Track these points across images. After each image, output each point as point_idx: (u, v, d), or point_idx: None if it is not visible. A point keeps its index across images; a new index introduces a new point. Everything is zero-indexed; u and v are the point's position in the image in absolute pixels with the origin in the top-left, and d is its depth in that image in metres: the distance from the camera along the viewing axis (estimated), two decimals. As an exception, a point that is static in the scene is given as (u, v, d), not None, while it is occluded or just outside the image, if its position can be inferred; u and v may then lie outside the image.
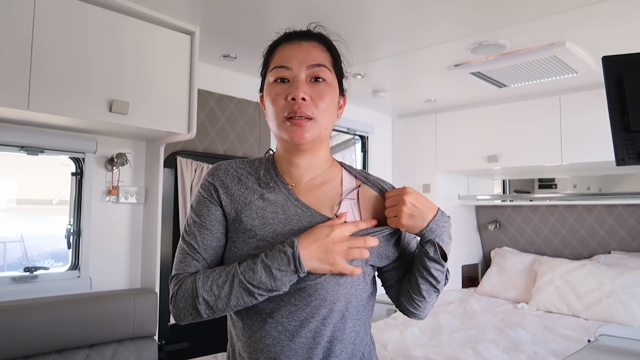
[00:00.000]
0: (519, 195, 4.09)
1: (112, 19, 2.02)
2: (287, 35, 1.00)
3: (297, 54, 0.95)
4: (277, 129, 0.95)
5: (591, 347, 1.69)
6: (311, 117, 0.92)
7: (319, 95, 0.93)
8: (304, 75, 0.94)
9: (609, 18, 2.12)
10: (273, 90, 0.95)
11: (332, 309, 0.91)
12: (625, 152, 1.26)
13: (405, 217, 0.93)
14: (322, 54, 0.97)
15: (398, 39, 2.42)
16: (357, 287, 0.94)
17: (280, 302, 0.91)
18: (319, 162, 1.01)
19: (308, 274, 0.89)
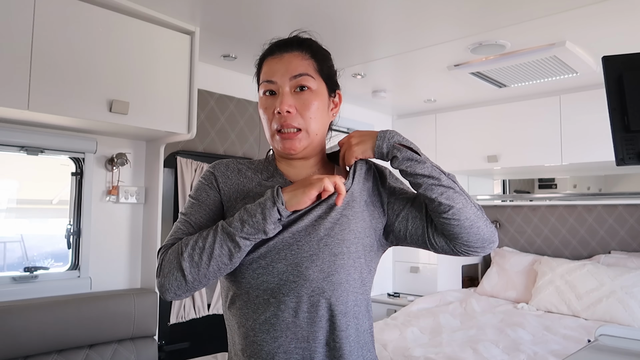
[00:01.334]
0: (519, 195, 4.09)
1: (112, 19, 2.02)
2: (270, 49, 1.03)
3: (279, 67, 0.98)
4: (270, 140, 1.00)
5: (591, 347, 1.69)
6: (300, 128, 0.96)
7: (304, 104, 0.96)
8: (288, 87, 0.96)
9: (609, 18, 2.12)
10: (263, 104, 1.00)
11: (332, 281, 0.92)
12: (625, 152, 1.26)
13: (354, 144, 0.99)
14: (304, 62, 0.99)
15: (398, 39, 2.42)
16: (355, 259, 0.95)
17: (280, 279, 0.92)
18: (316, 161, 1.05)
19: (303, 247, 0.92)
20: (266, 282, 0.92)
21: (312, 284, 0.91)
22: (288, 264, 0.92)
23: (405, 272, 3.92)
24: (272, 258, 0.92)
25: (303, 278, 0.91)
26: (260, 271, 0.92)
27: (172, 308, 2.60)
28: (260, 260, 0.93)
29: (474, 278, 4.09)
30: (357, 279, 0.96)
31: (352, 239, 0.96)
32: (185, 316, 2.64)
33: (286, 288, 0.91)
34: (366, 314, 0.99)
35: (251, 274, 0.93)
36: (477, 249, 0.98)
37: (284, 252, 0.92)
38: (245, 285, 0.94)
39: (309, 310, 0.91)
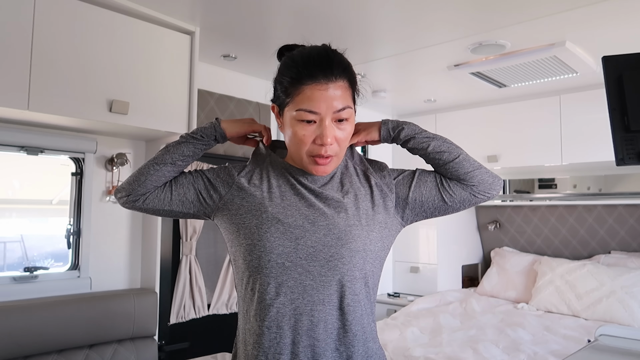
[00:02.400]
0: (519, 195, 4.08)
1: (112, 19, 2.02)
2: (312, 73, 0.98)
3: (324, 100, 0.97)
4: (301, 160, 1.03)
5: (591, 347, 1.69)
6: (334, 156, 1.01)
7: (342, 135, 1.01)
8: (329, 119, 0.99)
9: (609, 18, 2.12)
10: (300, 130, 0.99)
11: (350, 248, 0.98)
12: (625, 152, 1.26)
13: (361, 129, 1.12)
14: (346, 92, 1.00)
15: (398, 39, 2.42)
16: (369, 232, 1.02)
17: (297, 244, 0.98)
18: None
19: (318, 217, 1.00)
20: (282, 246, 0.97)
21: (330, 249, 0.97)
22: (306, 231, 0.98)
23: (405, 272, 3.92)
24: (289, 223, 0.98)
25: (321, 244, 0.97)
26: (278, 235, 0.97)
27: (172, 308, 2.60)
28: (278, 225, 0.98)
29: (474, 278, 4.09)
30: (372, 250, 1.02)
31: (362, 214, 1.03)
32: (185, 316, 2.64)
33: (303, 252, 0.97)
34: (373, 292, 1.05)
35: (268, 237, 0.97)
36: (491, 185, 1.15)
37: (301, 220, 0.99)
38: (260, 249, 0.98)
39: (325, 274, 0.97)
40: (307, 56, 1.02)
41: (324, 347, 0.95)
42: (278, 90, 1.05)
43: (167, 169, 1.06)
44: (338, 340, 0.97)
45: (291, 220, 0.99)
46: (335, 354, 0.96)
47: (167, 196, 1.07)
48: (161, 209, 1.08)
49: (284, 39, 2.61)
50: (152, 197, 1.07)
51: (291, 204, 1.01)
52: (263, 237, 0.97)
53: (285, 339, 0.95)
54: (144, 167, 1.06)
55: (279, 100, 1.04)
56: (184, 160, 1.08)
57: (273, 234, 0.97)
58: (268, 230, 0.98)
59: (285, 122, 1.03)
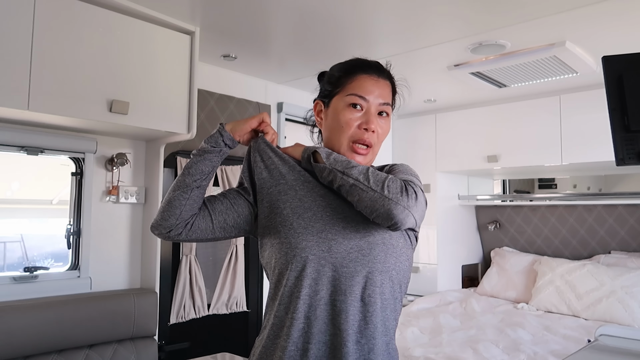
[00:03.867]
0: (519, 195, 4.08)
1: (112, 19, 2.02)
2: (365, 65, 1.12)
3: (375, 89, 1.09)
4: (340, 147, 1.08)
5: (591, 347, 1.69)
6: (371, 146, 1.08)
7: (383, 128, 1.10)
8: (375, 109, 1.08)
9: (609, 18, 2.12)
10: (347, 114, 1.07)
11: (369, 241, 1.01)
12: (625, 152, 1.26)
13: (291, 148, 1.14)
14: (390, 92, 1.14)
15: (398, 39, 2.42)
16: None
17: (319, 237, 1.00)
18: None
19: (337, 209, 1.02)
20: (305, 241, 1.00)
21: (350, 241, 1.00)
22: (326, 223, 1.01)
23: (405, 272, 3.91)
24: (309, 218, 1.01)
25: (342, 236, 1.00)
26: (301, 230, 1.00)
27: (172, 308, 2.60)
28: (299, 220, 1.01)
29: (474, 278, 4.09)
30: (393, 244, 1.03)
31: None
32: (185, 316, 2.64)
33: (325, 245, 0.99)
34: (399, 289, 1.06)
35: (292, 233, 1.01)
36: (379, 215, 0.98)
37: (320, 213, 1.02)
38: (287, 245, 1.00)
39: (347, 265, 0.98)
40: (360, 59, 1.14)
41: (345, 338, 0.96)
42: (326, 86, 1.13)
43: (194, 193, 1.07)
44: (359, 332, 0.98)
45: (310, 214, 1.02)
46: (356, 346, 0.97)
47: (209, 226, 1.08)
48: (205, 237, 1.09)
49: (284, 39, 2.62)
50: (195, 229, 1.07)
51: (308, 197, 1.04)
52: (289, 235, 1.01)
53: (312, 329, 0.97)
54: (170, 196, 1.07)
55: (326, 93, 1.12)
56: (205, 179, 1.10)
57: (296, 230, 1.01)
58: (291, 227, 1.01)
59: (330, 112, 1.10)
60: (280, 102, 3.22)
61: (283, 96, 3.25)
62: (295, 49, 2.58)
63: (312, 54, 2.62)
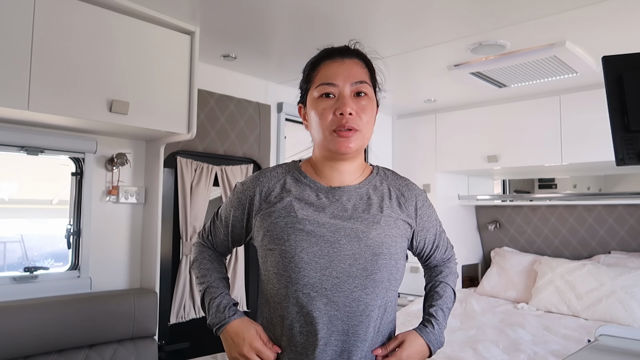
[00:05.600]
0: (519, 195, 4.08)
1: (112, 19, 2.02)
2: (328, 52, 1.09)
3: (341, 71, 1.04)
4: (324, 140, 1.04)
5: (591, 347, 1.69)
6: (357, 129, 1.02)
7: (362, 109, 1.03)
8: (348, 90, 1.03)
9: (609, 18, 2.12)
10: (320, 105, 1.03)
11: (374, 279, 1.03)
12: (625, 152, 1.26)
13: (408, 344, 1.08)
14: (362, 70, 1.07)
15: (398, 39, 2.42)
16: (395, 260, 1.08)
17: (322, 274, 1.00)
18: (358, 166, 1.12)
19: (344, 245, 1.02)
20: (307, 277, 0.99)
21: (355, 280, 1.00)
22: (331, 260, 1.00)
23: (406, 272, 3.90)
24: (314, 253, 1.00)
25: (346, 274, 0.99)
26: (302, 265, 0.99)
27: (172, 308, 2.60)
28: (301, 254, 1.00)
29: (474, 278, 4.09)
30: (395, 278, 1.08)
31: (390, 242, 1.05)
32: (185, 316, 2.64)
33: (329, 283, 0.99)
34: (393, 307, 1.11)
35: (293, 268, 1.00)
36: None
37: (327, 249, 1.01)
38: (287, 279, 1.01)
39: (349, 304, 1.00)
40: (325, 49, 1.11)
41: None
42: (301, 86, 1.12)
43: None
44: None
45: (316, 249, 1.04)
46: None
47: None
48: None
49: (284, 39, 2.62)
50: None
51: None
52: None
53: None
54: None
55: (302, 93, 1.10)
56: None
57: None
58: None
59: (308, 109, 1.07)
60: (280, 102, 3.22)
61: (283, 96, 3.25)
62: (295, 49, 2.58)
63: (312, 54, 2.61)
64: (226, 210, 1.15)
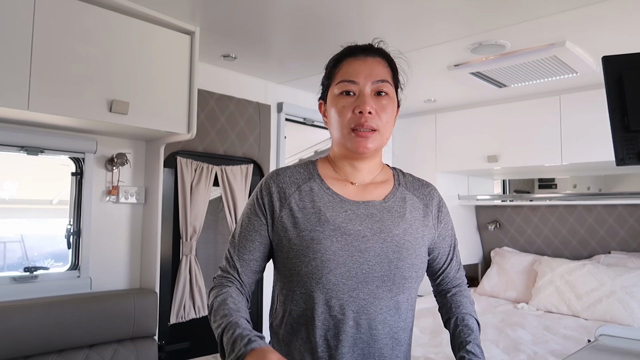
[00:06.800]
0: (519, 195, 4.08)
1: (112, 19, 2.02)
2: (351, 50, 1.06)
3: (363, 69, 1.02)
4: (342, 138, 1.02)
5: (591, 347, 1.69)
6: (375, 129, 1.00)
7: (383, 108, 1.01)
8: (369, 89, 1.01)
9: (609, 18, 2.12)
10: (340, 103, 1.02)
11: (398, 300, 1.02)
12: (625, 152, 1.26)
13: None
14: (385, 69, 1.06)
15: (398, 38, 2.42)
16: (418, 280, 1.06)
17: (350, 296, 0.98)
18: (377, 165, 1.11)
19: (374, 267, 0.99)
20: (335, 298, 0.97)
21: (381, 302, 0.98)
22: (359, 282, 0.98)
23: (405, 272, 3.91)
24: (341, 274, 0.97)
25: (373, 296, 0.98)
26: (330, 286, 0.97)
27: (172, 308, 2.60)
28: (329, 276, 0.96)
29: (474, 278, 4.09)
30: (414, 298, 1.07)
31: (419, 263, 1.04)
32: (185, 316, 2.64)
33: (355, 305, 0.97)
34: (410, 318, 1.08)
35: (312, 288, 0.97)
36: None
37: (355, 271, 0.98)
38: (307, 301, 0.99)
39: (372, 327, 0.98)
40: (348, 46, 1.08)
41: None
42: (323, 83, 1.10)
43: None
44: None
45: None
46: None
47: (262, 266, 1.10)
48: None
49: (284, 39, 2.62)
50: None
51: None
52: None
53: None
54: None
55: (323, 89, 1.09)
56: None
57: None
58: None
59: (328, 106, 1.05)
60: (280, 102, 3.22)
61: (283, 96, 3.25)
62: (295, 49, 2.58)
63: (312, 54, 2.62)
64: (246, 219, 1.08)
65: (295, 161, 3.63)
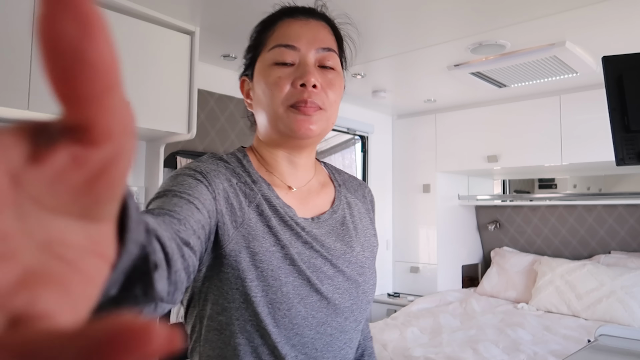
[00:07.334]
0: (519, 196, 4.09)
1: (112, 19, 2.02)
2: (289, 9, 0.83)
3: (305, 33, 0.79)
4: (277, 119, 0.77)
5: (591, 347, 1.69)
6: (321, 107, 0.77)
7: (330, 84, 0.79)
8: (313, 58, 0.79)
9: (609, 18, 2.12)
10: (274, 73, 0.77)
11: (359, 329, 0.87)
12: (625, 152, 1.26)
13: None
14: (331, 37, 0.84)
15: (398, 39, 2.42)
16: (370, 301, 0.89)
17: (317, 332, 0.77)
18: (313, 161, 0.88)
19: (344, 295, 0.81)
20: (298, 336, 0.75)
21: (346, 335, 0.80)
22: (328, 315, 0.77)
23: (405, 272, 3.92)
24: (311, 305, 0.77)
25: (339, 330, 0.78)
26: (298, 321, 0.75)
27: (172, 308, 2.60)
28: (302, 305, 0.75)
29: (474, 278, 4.09)
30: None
31: (374, 280, 0.86)
32: (185, 316, 2.64)
33: (321, 342, 0.76)
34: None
35: (286, 324, 0.74)
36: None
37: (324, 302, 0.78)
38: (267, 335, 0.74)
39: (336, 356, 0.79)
40: (282, 6, 0.86)
41: None
42: (247, 54, 0.87)
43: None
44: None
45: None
46: None
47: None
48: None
49: (284, 39, 2.59)
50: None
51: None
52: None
53: None
54: None
55: (248, 62, 0.85)
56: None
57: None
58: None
59: (256, 81, 0.81)
60: (280, 102, 3.22)
61: (283, 96, 3.25)
62: (295, 49, 2.58)
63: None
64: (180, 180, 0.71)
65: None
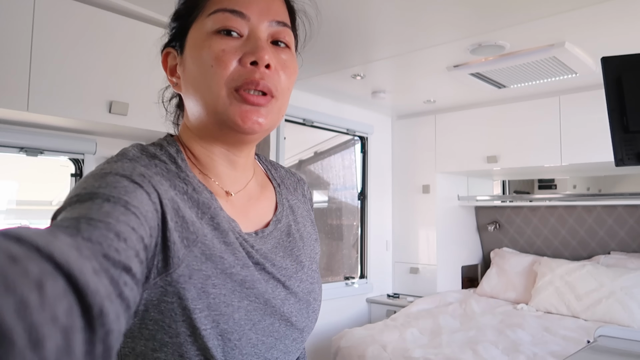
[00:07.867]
0: (518, 196, 4.09)
1: (112, 19, 2.02)
2: None
3: (256, 0, 0.63)
4: (216, 105, 0.61)
5: (590, 348, 1.69)
6: (273, 94, 0.62)
7: (284, 65, 0.64)
8: (265, 32, 0.63)
9: (608, 19, 2.12)
10: (215, 45, 0.60)
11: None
12: (625, 152, 1.27)
13: None
14: (285, 11, 0.67)
15: (398, 39, 2.43)
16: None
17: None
18: (253, 160, 0.73)
19: (293, 313, 0.70)
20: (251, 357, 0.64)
21: (289, 356, 0.68)
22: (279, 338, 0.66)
23: (405, 273, 3.92)
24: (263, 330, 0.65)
25: (284, 352, 0.66)
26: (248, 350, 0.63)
27: None
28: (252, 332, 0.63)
29: (473, 279, 4.09)
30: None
31: (321, 296, 0.74)
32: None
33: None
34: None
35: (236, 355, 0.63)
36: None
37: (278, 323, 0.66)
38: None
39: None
40: None
41: None
42: (175, 21, 0.72)
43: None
44: None
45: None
46: None
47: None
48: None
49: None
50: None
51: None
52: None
53: None
54: None
55: (178, 30, 0.70)
56: None
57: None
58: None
59: (188, 55, 0.64)
60: (279, 103, 3.21)
61: (283, 97, 3.24)
62: (295, 50, 2.58)
63: (312, 55, 2.62)
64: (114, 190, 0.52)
65: (296, 162, 3.64)
